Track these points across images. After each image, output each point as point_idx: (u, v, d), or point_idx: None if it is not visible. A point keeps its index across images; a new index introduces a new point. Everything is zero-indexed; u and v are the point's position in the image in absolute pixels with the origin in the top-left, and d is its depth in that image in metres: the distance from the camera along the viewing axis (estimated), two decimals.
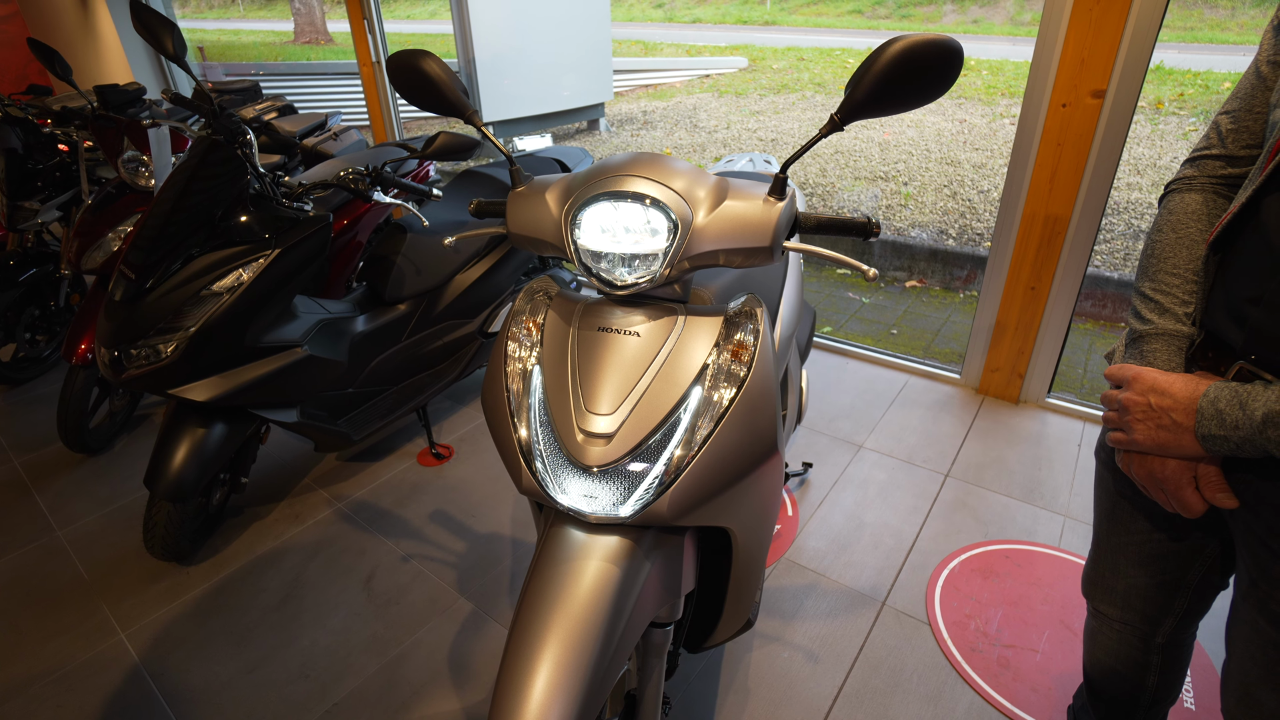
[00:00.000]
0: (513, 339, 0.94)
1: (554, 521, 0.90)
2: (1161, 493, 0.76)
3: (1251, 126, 0.78)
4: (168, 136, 2.03)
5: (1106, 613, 1.03)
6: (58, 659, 1.59)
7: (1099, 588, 1.02)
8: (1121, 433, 0.78)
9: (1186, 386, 0.71)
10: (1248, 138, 0.78)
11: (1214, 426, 0.67)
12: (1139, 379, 0.75)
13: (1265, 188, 0.70)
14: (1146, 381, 0.74)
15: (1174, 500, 0.75)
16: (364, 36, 3.67)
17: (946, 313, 3.58)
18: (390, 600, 1.73)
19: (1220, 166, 0.81)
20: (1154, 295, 0.81)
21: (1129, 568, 0.96)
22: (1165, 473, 0.75)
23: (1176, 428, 0.71)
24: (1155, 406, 0.72)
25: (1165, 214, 0.84)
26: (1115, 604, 1.00)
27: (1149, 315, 0.80)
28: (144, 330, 1.54)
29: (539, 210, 0.92)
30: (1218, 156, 0.81)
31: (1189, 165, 0.85)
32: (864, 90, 0.77)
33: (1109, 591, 1.01)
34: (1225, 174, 0.81)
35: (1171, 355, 0.77)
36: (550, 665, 0.77)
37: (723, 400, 0.84)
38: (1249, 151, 0.79)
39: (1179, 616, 0.97)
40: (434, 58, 0.94)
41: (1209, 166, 0.82)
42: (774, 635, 1.60)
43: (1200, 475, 0.73)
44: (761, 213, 0.85)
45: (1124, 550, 0.96)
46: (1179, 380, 0.72)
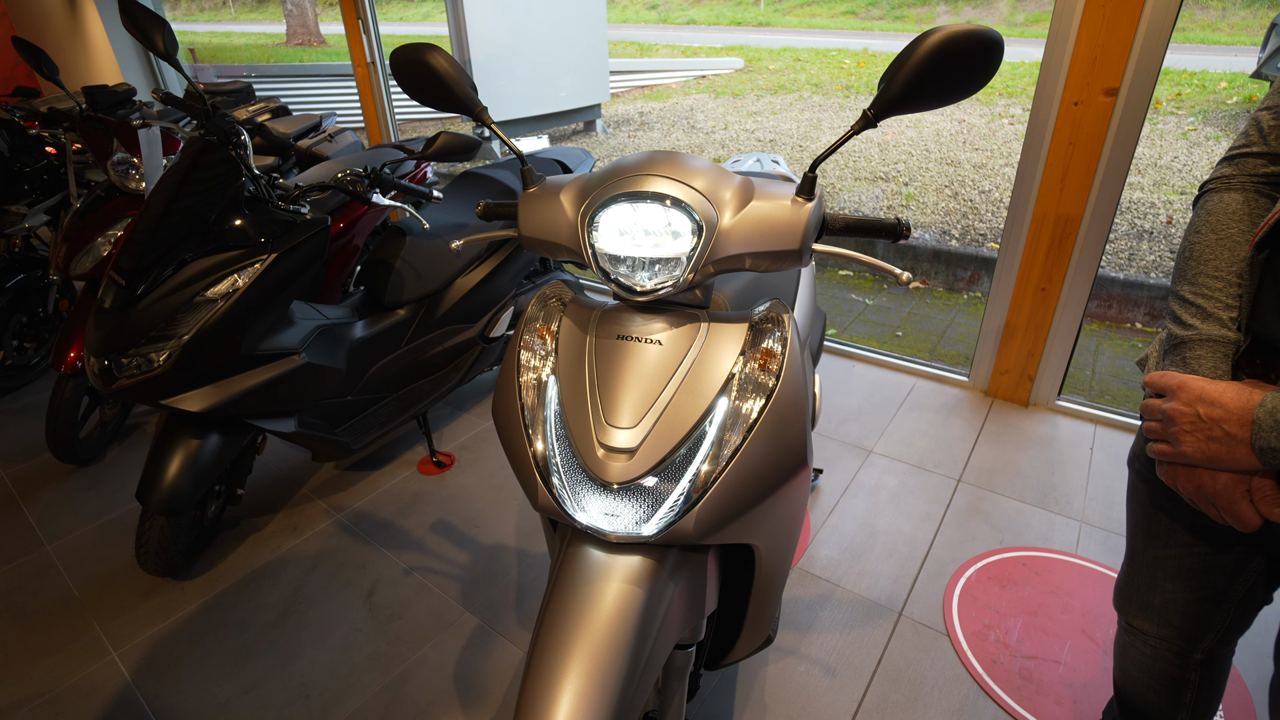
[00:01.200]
0: (525, 348, 0.89)
1: (572, 540, 0.85)
2: (1213, 507, 0.72)
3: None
4: (159, 138, 1.97)
5: (1142, 628, 0.99)
6: (47, 680, 1.53)
7: (1134, 602, 0.98)
8: (1166, 445, 0.73)
9: (1239, 396, 0.67)
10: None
11: (1274, 439, 0.63)
12: (1185, 388, 0.71)
13: None
14: (1194, 391, 0.70)
15: (1227, 515, 0.71)
16: (359, 37, 3.62)
17: (951, 314, 3.55)
18: (393, 615, 1.68)
19: (1261, 164, 0.78)
20: (1195, 299, 0.77)
21: (1167, 582, 0.92)
22: (1216, 487, 0.71)
23: (1229, 440, 0.67)
24: (1205, 417, 0.69)
25: (1203, 214, 0.81)
26: (1152, 619, 0.96)
27: (1190, 320, 0.77)
28: (135, 339, 1.48)
29: (554, 212, 0.88)
30: (1259, 154, 0.78)
31: (1227, 164, 0.81)
32: (900, 84, 0.73)
33: (1145, 607, 0.97)
34: (1267, 172, 0.78)
35: (1217, 362, 0.74)
36: (574, 694, 0.72)
37: (751, 412, 0.80)
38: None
39: (1220, 632, 0.93)
40: (441, 51, 0.89)
41: (1249, 165, 0.79)
42: (790, 648, 1.55)
43: (1255, 489, 0.69)
44: (790, 214, 0.81)
45: (1162, 564, 0.92)
46: (1230, 389, 0.68)
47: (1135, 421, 2.28)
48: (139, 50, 4.51)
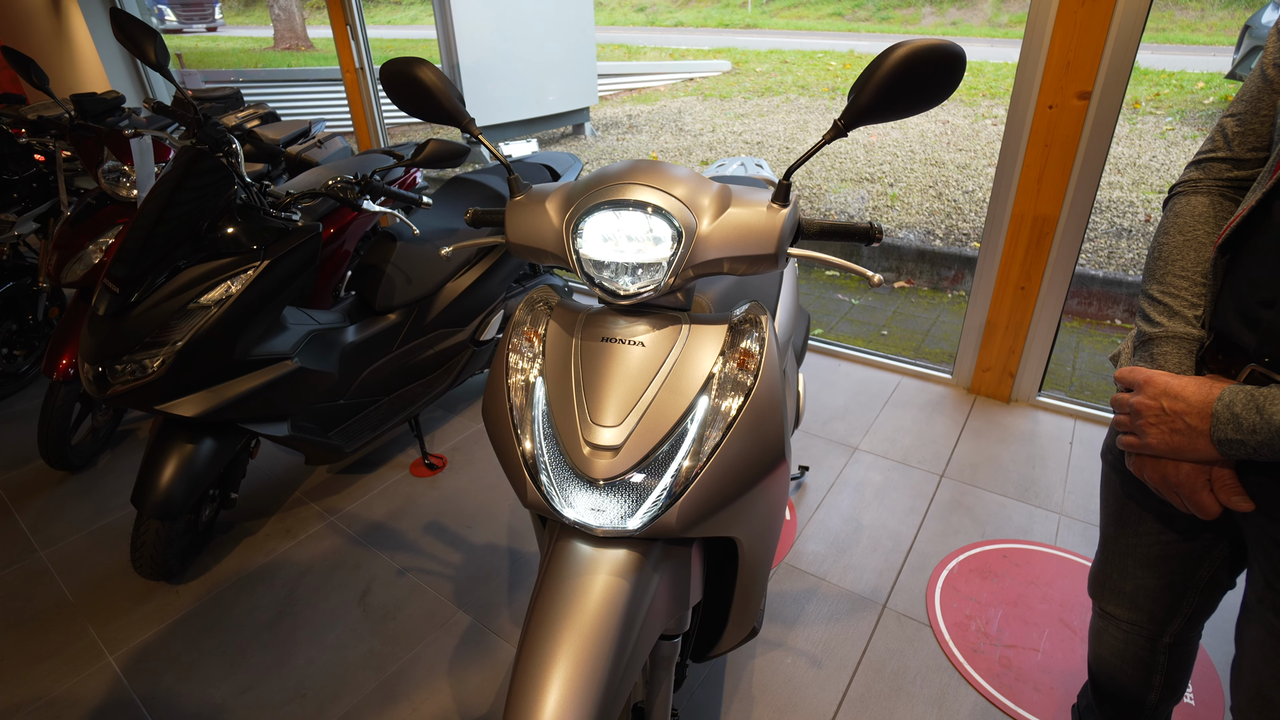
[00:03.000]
0: (514, 350, 0.92)
1: (560, 536, 0.89)
2: (1176, 496, 0.76)
3: (1258, 129, 0.78)
4: (150, 146, 1.99)
5: (1114, 613, 1.03)
6: (43, 684, 1.55)
7: (1106, 589, 1.03)
8: (1134, 437, 0.77)
9: (1200, 390, 0.70)
10: (1254, 140, 0.78)
11: (1230, 431, 0.67)
12: (1151, 382, 0.75)
13: (1276, 190, 0.70)
14: (1159, 385, 0.74)
15: (1189, 503, 0.75)
16: (347, 42, 3.64)
17: (935, 313, 3.61)
18: (387, 615, 1.70)
19: (1226, 169, 0.81)
20: (1162, 298, 0.80)
21: (1137, 569, 0.96)
22: (1179, 477, 0.74)
23: (1191, 432, 0.70)
24: (1168, 410, 0.72)
25: (1172, 217, 0.84)
26: (1123, 605, 1.01)
27: (1158, 318, 0.80)
28: (129, 345, 1.50)
29: (539, 220, 0.91)
30: (1224, 159, 0.81)
31: (1194, 168, 0.84)
32: (868, 96, 0.76)
33: (1117, 593, 1.01)
34: (1231, 176, 0.81)
35: (1182, 358, 0.77)
36: (562, 683, 0.75)
37: (730, 410, 0.83)
38: (1255, 154, 0.79)
39: (1187, 617, 0.97)
40: (430, 65, 0.93)
41: (1215, 169, 0.82)
42: (776, 641, 1.59)
43: (1214, 478, 0.72)
44: (766, 220, 0.84)
45: (1132, 552, 0.96)
46: (1192, 384, 0.71)
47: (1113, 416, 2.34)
48: (126, 57, 4.51)
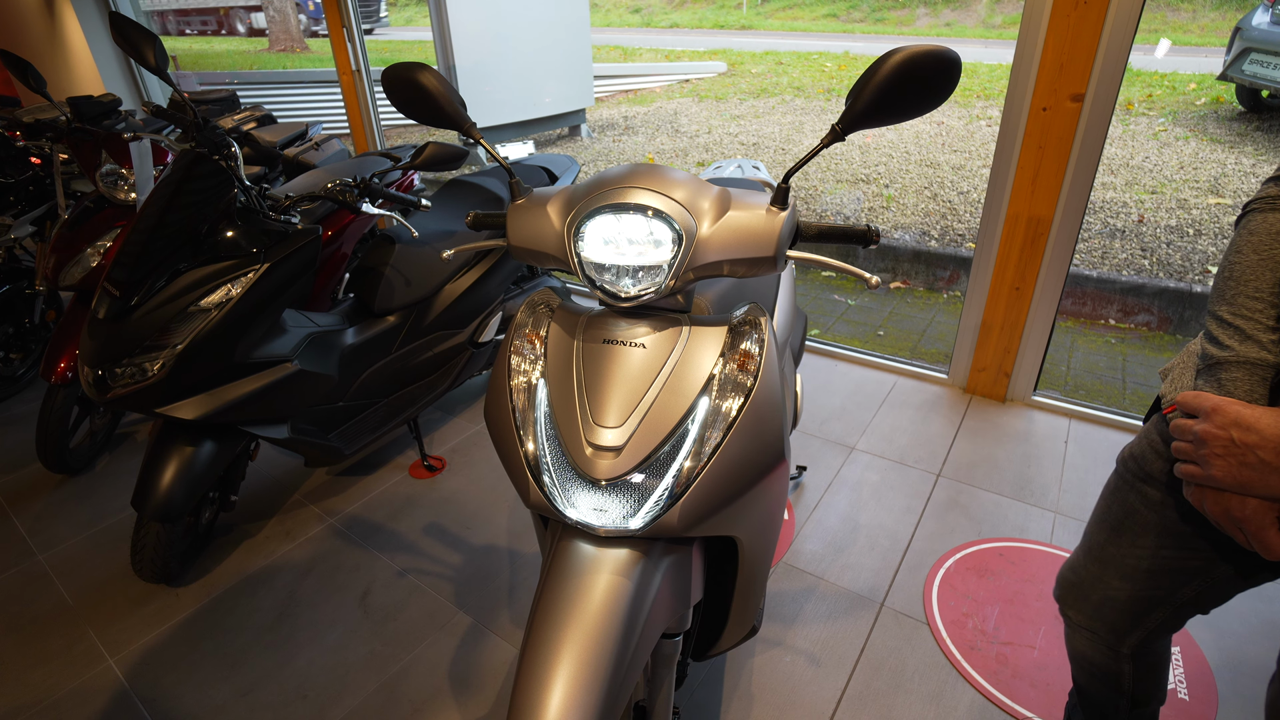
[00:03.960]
0: (515, 352, 0.93)
1: (562, 536, 0.90)
2: (1239, 532, 0.72)
3: None
4: (149, 149, 1.99)
5: (1075, 619, 1.01)
6: (44, 688, 1.55)
7: (1073, 593, 1.00)
8: (1196, 466, 0.72)
9: (1276, 422, 0.66)
10: None
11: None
12: (1220, 411, 0.70)
13: None
14: (1229, 415, 0.69)
15: (1254, 541, 0.71)
16: (343, 45, 3.64)
17: (931, 313, 3.63)
18: (387, 616, 1.71)
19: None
20: (1233, 320, 0.75)
21: (1115, 579, 0.94)
22: (1246, 512, 0.70)
23: (1264, 467, 0.66)
24: (1239, 442, 0.67)
25: (1246, 234, 0.78)
26: (1085, 612, 0.99)
27: (1228, 341, 0.75)
28: (129, 348, 1.51)
29: (541, 223, 0.92)
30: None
31: (1273, 184, 0.79)
32: (865, 101, 0.78)
33: (1083, 599, 0.99)
34: None
35: (1254, 385, 0.72)
36: (566, 682, 0.76)
37: (730, 410, 0.84)
38: None
39: (1149, 630, 0.95)
40: (432, 71, 0.94)
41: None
42: (775, 640, 1.60)
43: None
44: (765, 223, 0.86)
45: (1117, 562, 0.93)
46: (1266, 415, 0.66)
47: (1108, 415, 2.36)
48: (120, 59, 4.50)
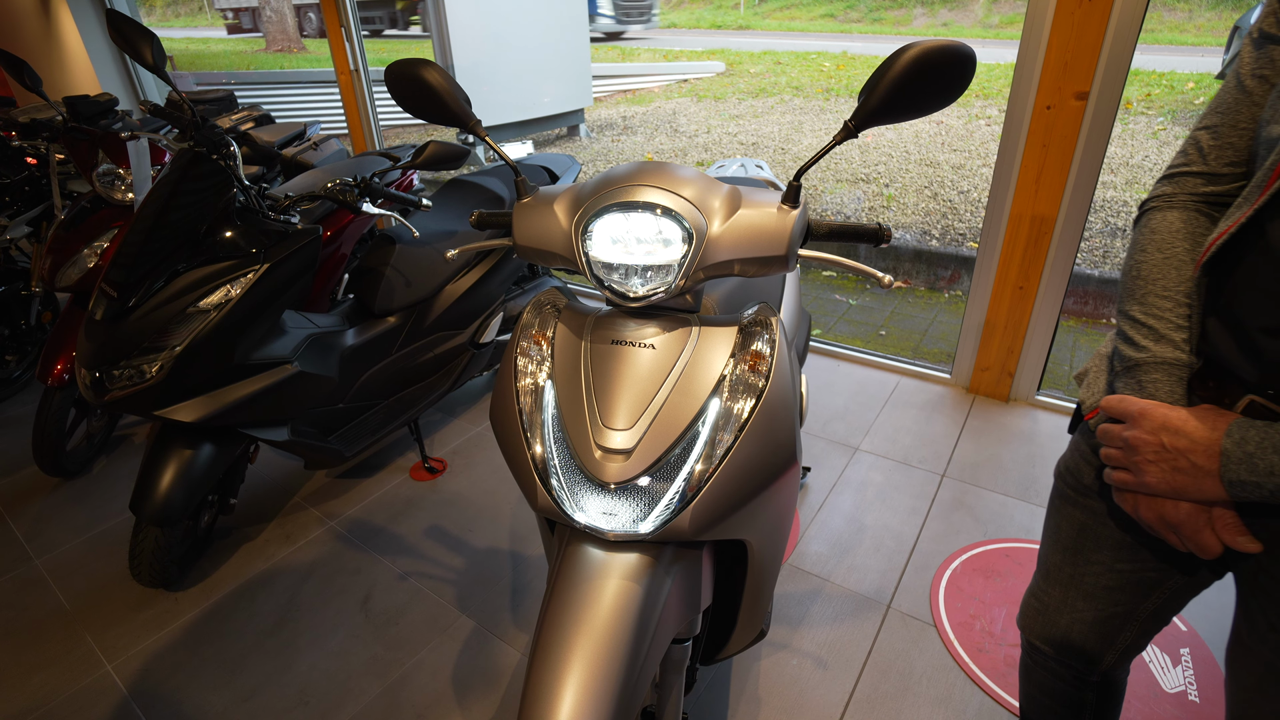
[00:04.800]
0: (522, 354, 0.91)
1: (571, 540, 0.88)
2: (1174, 535, 0.71)
3: (1235, 143, 0.73)
4: (147, 149, 1.97)
5: (1043, 649, 0.97)
6: (41, 694, 1.53)
7: (1039, 621, 0.96)
8: (1127, 473, 0.71)
9: (1203, 425, 0.65)
10: (1231, 154, 0.74)
11: (1243, 472, 0.62)
12: (1147, 415, 0.69)
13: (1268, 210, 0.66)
14: (1157, 419, 0.68)
15: (1190, 543, 0.70)
16: (341, 44, 3.62)
17: (933, 313, 3.62)
18: (389, 620, 1.69)
19: (1201, 184, 0.77)
20: (1146, 320, 0.75)
21: (1079, 600, 0.90)
22: (1180, 516, 0.69)
23: (1196, 471, 0.65)
24: (1169, 447, 0.67)
25: (1147, 233, 0.78)
26: (1054, 641, 0.95)
27: (1143, 342, 0.74)
28: (127, 350, 1.49)
29: (548, 222, 0.90)
30: (1198, 174, 0.77)
31: (1166, 182, 0.80)
32: (879, 97, 0.76)
33: (1050, 626, 0.94)
34: (1206, 191, 0.76)
35: (1174, 386, 0.71)
36: (577, 688, 0.75)
37: (742, 412, 0.83)
38: (1232, 169, 0.74)
39: (1121, 652, 0.92)
40: (436, 67, 0.92)
41: (1188, 184, 0.78)
42: (782, 643, 1.59)
43: (1216, 519, 0.67)
44: (777, 221, 0.84)
45: (1077, 583, 0.90)
46: (1194, 418, 0.66)
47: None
48: (116, 58, 4.47)
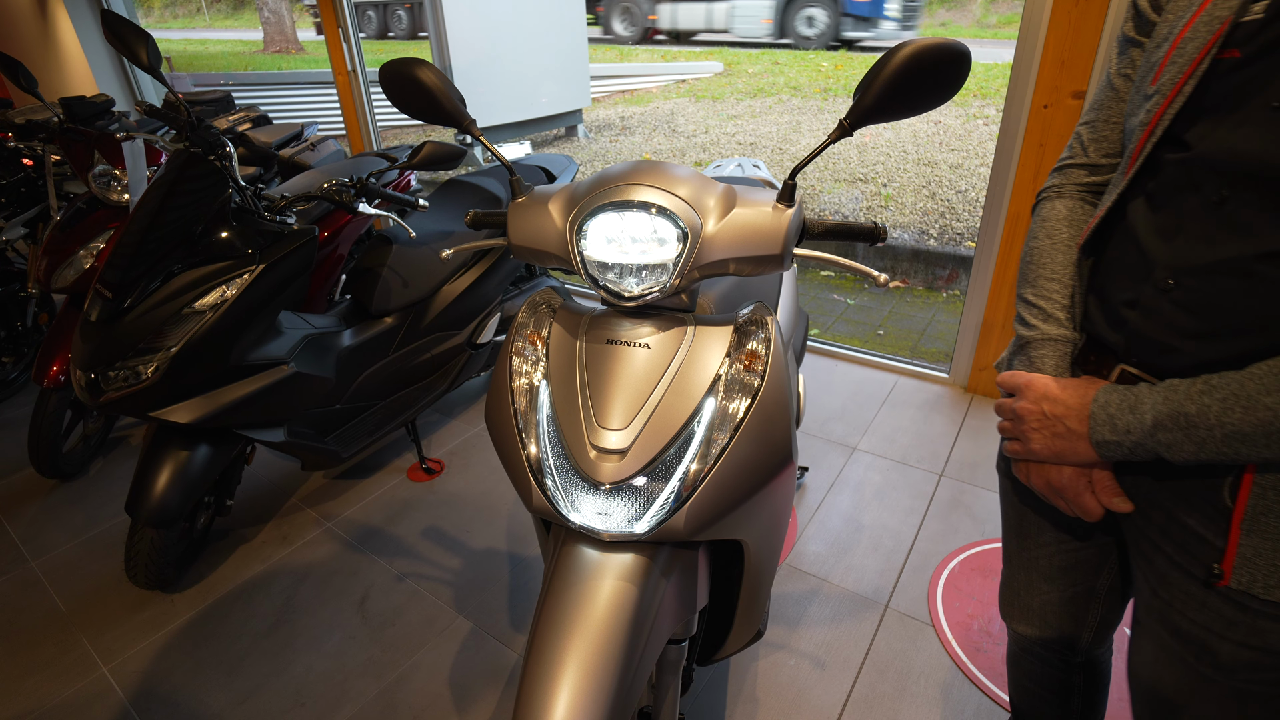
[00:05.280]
0: (517, 353, 0.91)
1: (566, 540, 0.88)
2: (1061, 500, 0.76)
3: (1109, 135, 0.80)
4: (143, 150, 1.97)
5: (1025, 633, 0.99)
6: (36, 697, 1.52)
7: (1015, 607, 0.99)
8: (1018, 443, 0.76)
9: (1077, 392, 0.70)
10: (1106, 146, 0.80)
11: (1107, 432, 0.67)
12: (1030, 386, 0.74)
13: (1129, 193, 0.72)
14: (1038, 389, 0.73)
15: (1074, 506, 0.75)
16: (339, 45, 3.61)
17: (931, 312, 3.62)
18: (386, 622, 1.68)
19: (1084, 175, 0.83)
20: (1036, 301, 0.81)
21: (1041, 583, 0.94)
22: (1062, 480, 0.74)
23: (1071, 435, 0.70)
24: (1049, 414, 0.72)
25: (1039, 221, 0.85)
26: (1033, 623, 0.97)
27: (1034, 321, 0.80)
28: (123, 351, 1.48)
29: (542, 221, 0.90)
30: (1081, 165, 0.83)
31: (1056, 174, 0.86)
32: (874, 95, 0.76)
33: (1025, 610, 0.97)
34: (1088, 181, 0.83)
35: (1059, 360, 0.77)
36: (572, 689, 0.74)
37: (737, 412, 0.83)
38: (1109, 160, 0.81)
39: (1094, 630, 0.94)
40: (430, 66, 0.92)
41: (1073, 175, 0.84)
42: (779, 643, 1.58)
43: (1095, 480, 0.72)
44: (772, 220, 0.84)
45: (1035, 565, 0.94)
46: (1070, 386, 0.72)
47: None
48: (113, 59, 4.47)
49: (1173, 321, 0.66)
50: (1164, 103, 0.67)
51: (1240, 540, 0.63)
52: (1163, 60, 0.68)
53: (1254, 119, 0.59)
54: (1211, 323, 0.62)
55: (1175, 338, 0.65)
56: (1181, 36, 0.66)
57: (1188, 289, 0.64)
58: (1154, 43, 0.72)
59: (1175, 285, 0.65)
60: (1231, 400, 0.59)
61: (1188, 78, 0.64)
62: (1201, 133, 0.64)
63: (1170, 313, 0.66)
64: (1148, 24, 0.74)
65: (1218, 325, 0.62)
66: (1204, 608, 0.69)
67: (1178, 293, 0.65)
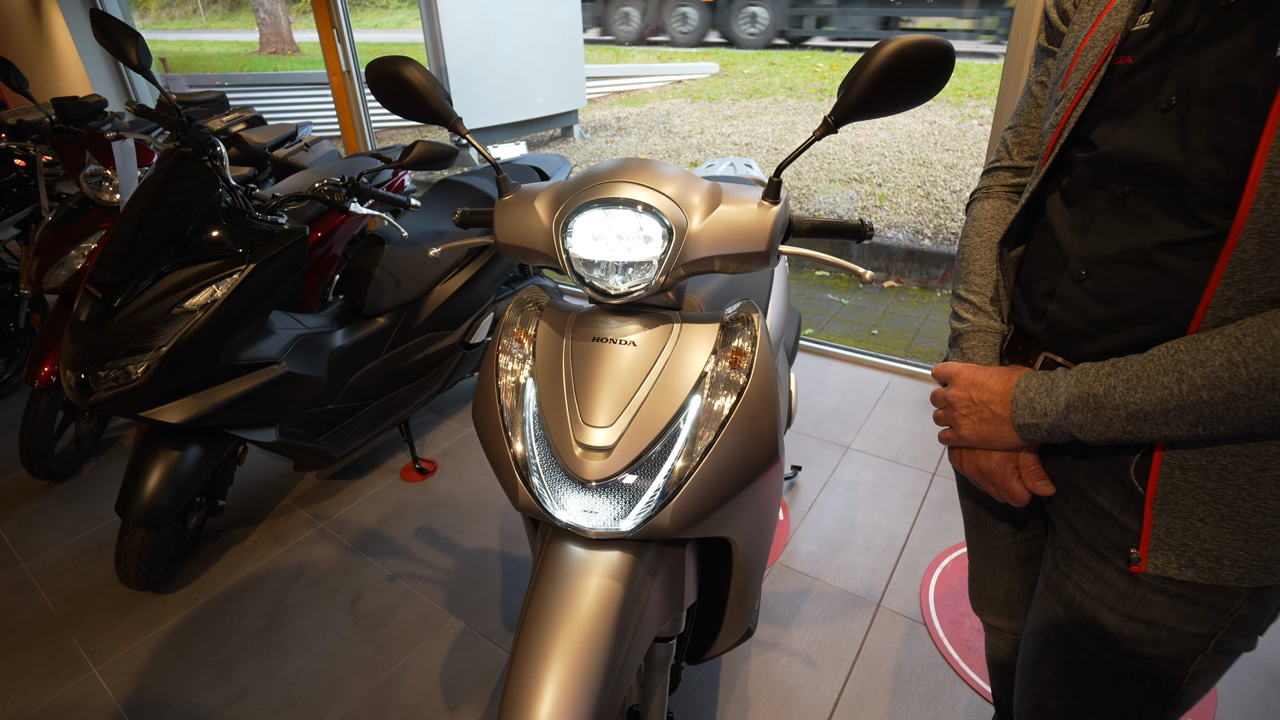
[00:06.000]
0: (504, 351, 0.91)
1: (552, 538, 0.88)
2: (990, 485, 0.78)
3: (1030, 139, 0.84)
4: (133, 149, 1.96)
5: (996, 624, 1.01)
6: (26, 699, 1.52)
7: (982, 599, 1.01)
8: (950, 430, 0.79)
9: (1001, 379, 0.73)
10: (1028, 150, 0.85)
11: (1027, 415, 0.69)
12: (960, 375, 0.77)
13: (1045, 189, 0.76)
14: (967, 377, 0.76)
15: (1002, 491, 0.77)
16: (333, 46, 3.61)
17: (925, 312, 3.62)
18: (378, 621, 1.68)
19: (1009, 176, 0.87)
20: (967, 295, 0.85)
21: (1003, 573, 0.96)
22: (991, 465, 0.76)
23: (996, 420, 0.73)
24: (976, 401, 0.74)
25: (970, 221, 0.89)
26: (1002, 614, 0.99)
27: (965, 315, 0.84)
28: (112, 351, 1.48)
29: (528, 219, 0.90)
30: (1006, 168, 0.87)
31: (986, 176, 0.90)
32: (857, 92, 0.76)
33: (992, 601, 0.99)
34: (1014, 182, 0.87)
35: (988, 350, 0.81)
36: (556, 688, 0.74)
37: (723, 409, 0.83)
38: (1030, 162, 0.85)
39: None
40: (415, 64, 0.92)
41: (1001, 177, 0.88)
42: (771, 642, 1.58)
43: (1020, 464, 0.75)
44: (757, 217, 0.84)
45: (994, 556, 0.96)
46: (995, 373, 0.74)
47: None
48: (108, 60, 4.46)
49: (1087, 310, 0.68)
50: (1070, 106, 0.71)
51: (1154, 521, 0.66)
52: (1069, 67, 0.73)
53: (1146, 120, 0.63)
54: (1120, 310, 0.65)
55: (1090, 326, 0.68)
56: (1084, 45, 0.71)
57: (1098, 279, 0.67)
58: (1063, 51, 0.76)
59: (1087, 275, 0.68)
60: (1134, 380, 0.61)
61: (1089, 83, 0.69)
62: (1104, 133, 0.68)
63: (1084, 302, 0.69)
64: (1057, 33, 0.79)
65: (1126, 312, 0.65)
66: (1099, 580, 0.72)
67: (1089, 282, 0.68)
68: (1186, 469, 0.63)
